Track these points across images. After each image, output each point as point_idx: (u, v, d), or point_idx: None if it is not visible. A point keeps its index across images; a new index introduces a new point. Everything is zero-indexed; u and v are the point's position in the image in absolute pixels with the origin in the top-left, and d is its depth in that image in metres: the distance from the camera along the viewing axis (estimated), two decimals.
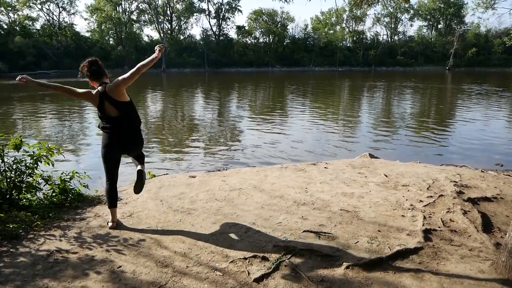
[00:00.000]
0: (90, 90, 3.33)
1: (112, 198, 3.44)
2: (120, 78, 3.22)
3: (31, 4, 55.21)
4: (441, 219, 3.59)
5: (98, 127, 3.42)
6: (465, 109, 16.64)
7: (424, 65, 66.56)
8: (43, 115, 15.03)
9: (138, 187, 3.54)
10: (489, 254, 2.94)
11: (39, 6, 56.44)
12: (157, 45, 3.41)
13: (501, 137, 10.79)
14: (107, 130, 3.31)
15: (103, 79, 3.29)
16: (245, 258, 2.83)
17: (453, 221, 3.57)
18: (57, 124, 13.19)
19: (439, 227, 3.41)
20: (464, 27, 68.82)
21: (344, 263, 2.75)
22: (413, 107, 18.48)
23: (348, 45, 70.43)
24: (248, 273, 2.64)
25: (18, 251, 3.04)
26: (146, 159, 3.54)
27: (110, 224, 3.49)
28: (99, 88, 3.26)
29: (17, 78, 3.17)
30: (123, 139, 3.33)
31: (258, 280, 2.56)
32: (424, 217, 3.60)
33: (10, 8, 53.89)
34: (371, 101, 21.71)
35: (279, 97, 24.23)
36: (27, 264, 2.83)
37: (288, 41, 68.23)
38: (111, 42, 60.71)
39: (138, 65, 3.26)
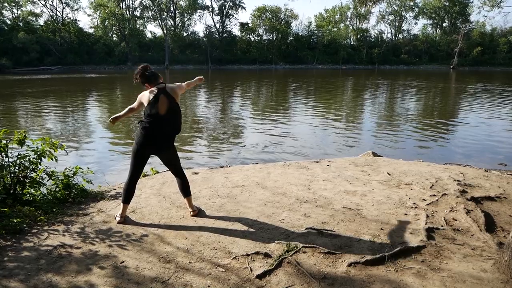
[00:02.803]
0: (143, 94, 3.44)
1: (128, 194, 3.48)
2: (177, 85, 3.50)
3: (34, 0, 55.35)
4: (444, 218, 3.58)
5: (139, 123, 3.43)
6: (469, 109, 16.56)
7: (428, 64, 66.31)
8: (46, 111, 15.08)
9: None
10: (491, 253, 2.93)
11: (43, 2, 56.76)
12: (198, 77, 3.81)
13: (505, 137, 10.72)
14: (147, 126, 3.32)
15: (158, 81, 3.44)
16: (247, 255, 2.84)
17: (456, 220, 3.56)
18: (60, 120, 13.23)
19: (442, 226, 3.40)
20: (469, 26, 68.43)
21: (346, 261, 2.75)
22: (416, 106, 18.41)
23: (351, 43, 70.24)
24: (251, 270, 2.65)
25: (22, 246, 3.06)
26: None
27: (118, 218, 3.51)
28: (156, 87, 3.36)
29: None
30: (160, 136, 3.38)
31: (261, 276, 2.57)
32: (427, 216, 3.59)
33: (13, 4, 54.05)
34: (375, 100, 21.63)
35: (282, 94, 24.19)
36: (31, 259, 2.85)
37: (291, 38, 68.09)
38: (114, 38, 60.80)
39: (184, 84, 3.62)
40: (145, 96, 3.37)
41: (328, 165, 5.73)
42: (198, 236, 3.19)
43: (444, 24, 71.84)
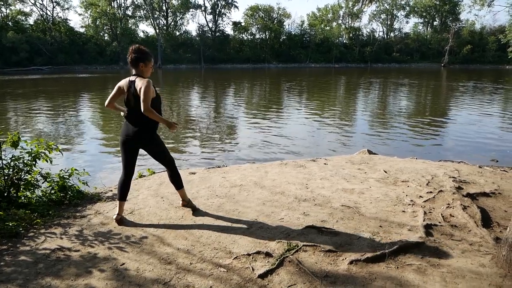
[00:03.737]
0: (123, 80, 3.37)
1: (122, 191, 3.44)
2: (143, 94, 3.12)
3: None
4: (441, 214, 3.61)
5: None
6: (460, 106, 16.74)
7: (420, 62, 66.98)
8: (38, 112, 14.89)
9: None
10: (489, 248, 2.97)
11: (32, 1, 55.92)
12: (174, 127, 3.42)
13: (496, 133, 10.87)
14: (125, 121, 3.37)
15: (136, 70, 3.28)
16: (248, 254, 2.83)
17: (453, 216, 3.59)
18: (54, 121, 13.07)
19: (440, 222, 3.43)
20: (459, 24, 69.28)
21: (347, 259, 2.76)
22: (409, 104, 18.56)
23: (344, 41, 70.63)
24: (252, 269, 2.65)
25: (19, 250, 3.02)
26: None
27: (114, 216, 3.48)
28: (131, 77, 3.29)
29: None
30: (128, 130, 3.33)
31: (263, 276, 2.56)
32: (425, 213, 3.62)
33: (2, 3, 53.23)
34: (368, 98, 21.77)
35: (277, 93, 24.20)
36: (28, 263, 2.81)
37: (284, 37, 68.18)
38: (106, 37, 60.24)
39: (155, 114, 3.20)
40: (123, 84, 3.34)
41: (325, 164, 5.74)
42: (198, 237, 3.17)
43: (434, 23, 72.60)
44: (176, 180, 3.63)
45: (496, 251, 2.87)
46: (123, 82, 3.31)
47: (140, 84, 3.16)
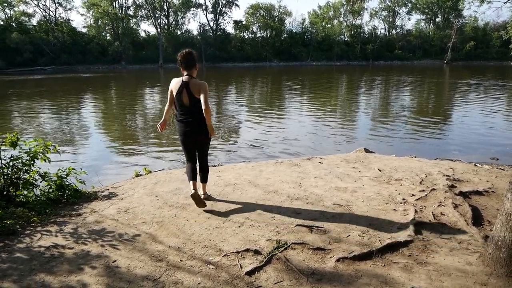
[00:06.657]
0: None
1: (190, 174, 3.79)
2: (204, 93, 3.61)
3: (27, 0, 54.89)
4: (432, 212, 3.64)
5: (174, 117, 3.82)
6: (463, 103, 16.68)
7: (422, 59, 66.65)
8: (39, 112, 15.01)
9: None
10: (477, 246, 2.99)
11: (35, 2, 56.25)
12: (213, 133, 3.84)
13: (498, 131, 10.84)
14: (179, 119, 3.76)
15: (191, 71, 3.72)
16: (237, 252, 2.89)
17: (443, 214, 3.62)
18: (54, 121, 13.18)
19: (430, 221, 3.46)
20: (462, 20, 68.85)
21: (335, 256, 2.80)
22: (411, 102, 18.51)
23: (345, 39, 70.36)
24: (241, 267, 2.70)
25: (15, 247, 3.09)
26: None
27: (191, 192, 3.68)
28: (184, 78, 3.69)
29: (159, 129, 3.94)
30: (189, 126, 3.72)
31: (250, 273, 2.61)
32: (416, 211, 3.65)
33: (6, 4, 53.56)
34: (369, 96, 21.72)
35: (277, 92, 24.21)
36: (24, 259, 2.88)
37: (285, 35, 68.06)
38: (108, 37, 60.45)
39: (210, 114, 3.62)
40: (174, 85, 3.77)
41: (320, 162, 5.78)
42: (189, 235, 3.23)
43: (437, 19, 72.16)
44: (205, 175, 3.96)
45: (484, 250, 2.89)
46: (174, 84, 3.71)
47: (198, 84, 3.62)
